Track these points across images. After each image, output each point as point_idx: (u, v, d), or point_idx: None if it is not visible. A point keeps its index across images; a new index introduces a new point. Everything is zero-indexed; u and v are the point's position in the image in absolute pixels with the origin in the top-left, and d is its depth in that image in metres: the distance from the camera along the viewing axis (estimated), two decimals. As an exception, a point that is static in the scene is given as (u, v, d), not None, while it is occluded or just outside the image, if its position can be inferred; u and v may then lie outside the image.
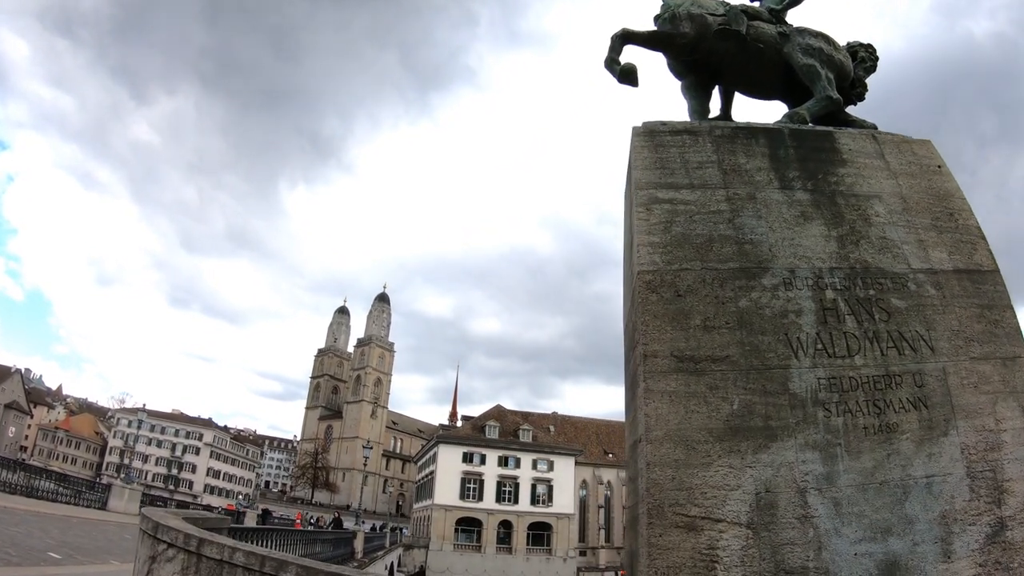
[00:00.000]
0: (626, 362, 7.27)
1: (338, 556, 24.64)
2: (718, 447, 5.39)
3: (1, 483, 25.72)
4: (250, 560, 5.04)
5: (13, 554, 10.89)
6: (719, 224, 6.51)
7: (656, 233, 6.45)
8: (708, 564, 4.99)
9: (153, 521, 6.08)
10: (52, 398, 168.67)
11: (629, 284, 7.10)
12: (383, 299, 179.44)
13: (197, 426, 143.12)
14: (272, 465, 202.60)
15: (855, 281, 6.29)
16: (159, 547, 5.91)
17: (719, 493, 5.22)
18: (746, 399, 5.58)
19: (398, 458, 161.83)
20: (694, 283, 6.13)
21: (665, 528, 5.12)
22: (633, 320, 6.61)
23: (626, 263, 7.61)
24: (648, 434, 5.47)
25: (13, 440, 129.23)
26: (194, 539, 5.48)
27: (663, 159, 6.98)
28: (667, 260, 6.28)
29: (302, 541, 16.76)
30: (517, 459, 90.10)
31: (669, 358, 5.75)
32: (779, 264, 6.30)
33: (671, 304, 6.03)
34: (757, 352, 5.80)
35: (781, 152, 7.18)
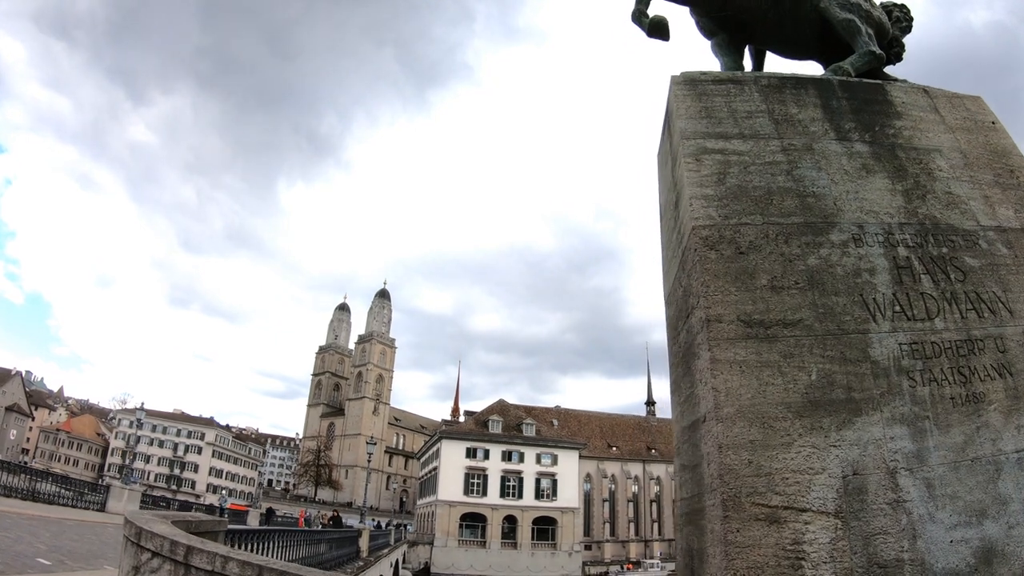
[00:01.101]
0: (672, 333, 6.59)
1: (344, 555, 24.07)
2: (798, 424, 4.73)
3: (4, 488, 25.34)
4: (245, 571, 4.35)
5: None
6: (777, 176, 5.91)
7: (709, 185, 5.81)
8: (794, 562, 4.32)
9: (136, 526, 5.37)
10: (53, 400, 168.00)
11: (675, 245, 6.44)
12: (383, 295, 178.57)
13: (199, 425, 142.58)
14: (275, 463, 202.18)
15: (926, 238, 5.70)
16: (142, 556, 5.21)
17: (802, 478, 4.56)
18: (825, 368, 4.92)
19: (401, 455, 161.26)
20: (756, 239, 5.49)
21: (744, 522, 4.44)
22: (683, 284, 5.97)
23: (667, 224, 6.96)
24: (718, 411, 4.79)
25: (15, 443, 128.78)
26: (181, 547, 4.77)
27: (708, 108, 6.37)
28: (724, 214, 5.64)
29: (306, 541, 16.08)
30: (521, 453, 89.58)
31: (735, 323, 5.09)
32: (846, 219, 5.70)
33: (733, 262, 5.38)
34: (832, 315, 5.16)
35: (834, 103, 6.62)
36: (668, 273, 6.90)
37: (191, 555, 4.68)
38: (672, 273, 6.62)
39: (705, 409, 5.05)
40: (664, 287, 7.13)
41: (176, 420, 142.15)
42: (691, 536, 5.63)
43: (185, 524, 6.62)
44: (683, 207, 5.97)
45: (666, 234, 7.03)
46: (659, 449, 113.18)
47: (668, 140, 6.97)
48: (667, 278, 6.96)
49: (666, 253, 7.02)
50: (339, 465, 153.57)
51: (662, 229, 7.34)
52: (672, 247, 6.63)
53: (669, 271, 6.84)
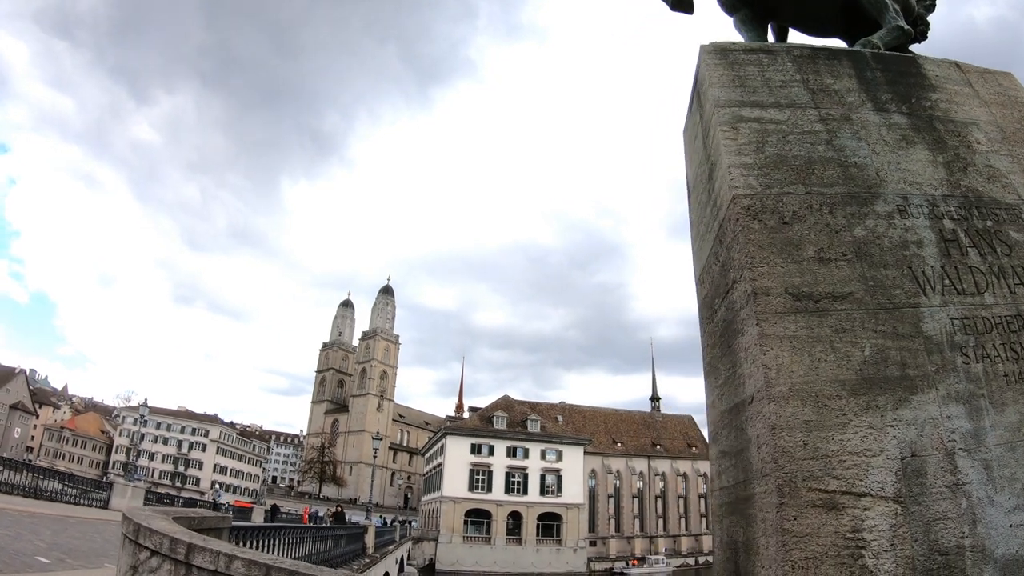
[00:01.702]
0: (707, 313, 6.26)
1: (350, 552, 23.83)
2: (853, 403, 4.41)
3: (7, 485, 25.19)
4: (251, 570, 4.01)
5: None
6: (817, 145, 5.63)
7: (748, 154, 5.52)
8: (854, 551, 4.00)
9: (134, 523, 5.03)
10: (58, 398, 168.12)
11: (709, 219, 6.13)
12: (387, 292, 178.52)
13: (203, 423, 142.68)
14: (279, 460, 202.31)
15: (970, 211, 5.42)
16: (141, 554, 4.87)
17: (860, 460, 4.24)
18: (878, 343, 4.62)
19: (405, 451, 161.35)
20: (800, 209, 5.20)
21: (801, 509, 4.12)
22: (721, 259, 5.66)
23: (699, 199, 6.65)
24: (769, 390, 4.46)
25: (19, 441, 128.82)
26: (182, 545, 4.43)
27: (741, 77, 6.10)
28: (765, 184, 5.35)
29: (312, 538, 15.79)
30: (525, 449, 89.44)
31: (784, 296, 4.79)
32: (889, 189, 5.42)
33: (777, 232, 5.08)
34: (882, 288, 4.86)
35: (868, 74, 6.36)
36: (700, 250, 6.59)
37: (193, 553, 4.34)
38: (706, 249, 6.30)
39: (753, 389, 4.74)
40: (695, 266, 6.82)
41: (180, 417, 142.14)
42: (734, 527, 5.28)
43: (187, 521, 6.29)
44: (719, 178, 5.69)
45: (697, 210, 6.72)
46: (664, 445, 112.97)
47: (698, 112, 6.68)
48: (699, 256, 6.65)
49: (697, 230, 6.71)
50: (343, 462, 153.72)
51: (692, 206, 7.04)
52: (706, 222, 6.32)
53: (702, 248, 6.53)
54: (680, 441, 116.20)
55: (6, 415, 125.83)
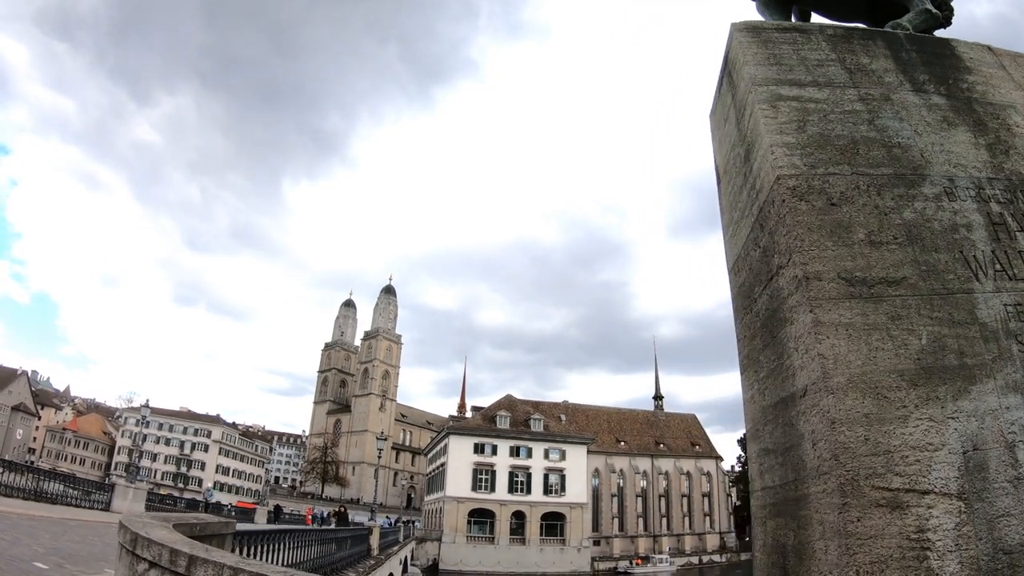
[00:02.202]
0: (744, 303, 5.93)
1: (355, 554, 23.52)
2: (913, 394, 4.13)
3: (8, 487, 24.94)
4: (259, 586, 3.68)
5: (-10, 567, 9.58)
6: (859, 125, 5.35)
7: (789, 133, 5.23)
8: (919, 553, 3.73)
9: (131, 532, 4.68)
10: (59, 399, 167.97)
11: (746, 204, 5.83)
12: (389, 291, 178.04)
13: (205, 423, 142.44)
14: (282, 460, 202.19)
15: (1015, 194, 5.17)
16: (138, 567, 4.53)
17: (922, 456, 3.97)
18: (934, 331, 4.35)
19: (408, 451, 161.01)
20: (847, 190, 4.93)
21: (864, 509, 3.83)
22: (761, 244, 5.35)
23: (732, 185, 6.34)
24: (827, 382, 4.17)
25: (21, 442, 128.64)
26: (183, 557, 4.09)
27: (776, 55, 5.83)
28: (809, 164, 5.07)
29: (318, 541, 15.48)
30: (529, 449, 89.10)
31: (836, 281, 4.51)
32: (935, 171, 5.16)
33: (825, 214, 4.81)
34: (935, 273, 4.59)
35: (903, 55, 6.10)
36: (734, 237, 6.26)
37: (194, 567, 3.99)
38: (742, 235, 5.98)
39: (806, 380, 4.42)
40: (727, 255, 6.50)
41: (182, 418, 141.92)
42: (782, 530, 4.93)
43: (188, 527, 5.95)
44: (759, 158, 5.39)
45: (730, 195, 6.40)
46: (667, 444, 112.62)
47: (730, 93, 6.38)
48: (732, 243, 6.32)
49: (730, 216, 6.38)
50: (346, 462, 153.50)
51: (722, 192, 6.72)
52: (741, 207, 6.00)
53: (736, 235, 6.20)
54: (683, 440, 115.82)
55: (8, 417, 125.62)
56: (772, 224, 5.09)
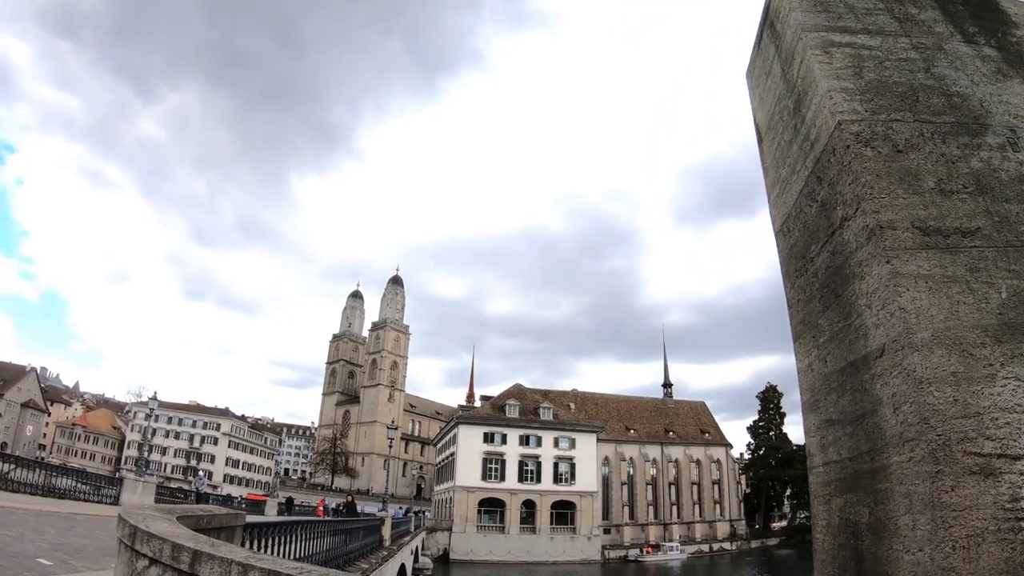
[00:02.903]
0: (798, 265, 5.47)
1: (367, 545, 23.21)
2: (998, 351, 3.70)
3: (20, 483, 24.97)
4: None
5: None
6: (916, 73, 4.89)
7: (846, 78, 4.77)
8: (1014, 524, 3.30)
9: (130, 526, 4.25)
10: (69, 395, 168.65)
11: (797, 157, 5.37)
12: (396, 282, 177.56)
13: (214, 416, 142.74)
14: (291, 452, 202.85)
15: None
16: (138, 563, 4.10)
17: (1012, 417, 3.53)
18: (1013, 284, 3.93)
19: (417, 441, 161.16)
20: (912, 137, 4.47)
21: (958, 477, 3.38)
22: (819, 198, 4.91)
23: (779, 140, 5.87)
24: (910, 338, 3.71)
25: (31, 438, 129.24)
26: (186, 552, 3.66)
27: (823, 3, 5.39)
28: (870, 109, 4.61)
29: (330, 532, 15.14)
30: (538, 437, 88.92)
31: (911, 230, 4.05)
32: (996, 121, 4.70)
33: (892, 161, 4.35)
34: (1008, 224, 4.15)
35: (950, 7, 5.64)
36: (783, 196, 5.80)
37: (199, 563, 3.56)
38: (792, 192, 5.52)
39: (884, 339, 3.96)
40: (774, 217, 6.04)
41: (192, 412, 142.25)
42: (853, 507, 4.47)
43: (194, 520, 5.52)
44: (813, 107, 4.95)
45: (776, 153, 5.94)
46: (677, 431, 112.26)
47: (772, 44, 5.92)
48: (780, 203, 5.86)
49: (777, 174, 5.92)
50: (355, 453, 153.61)
51: (765, 151, 6.25)
52: (790, 163, 5.55)
53: (785, 193, 5.74)
54: (693, 427, 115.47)
55: (18, 413, 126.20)
56: (833, 174, 4.66)
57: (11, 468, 26.22)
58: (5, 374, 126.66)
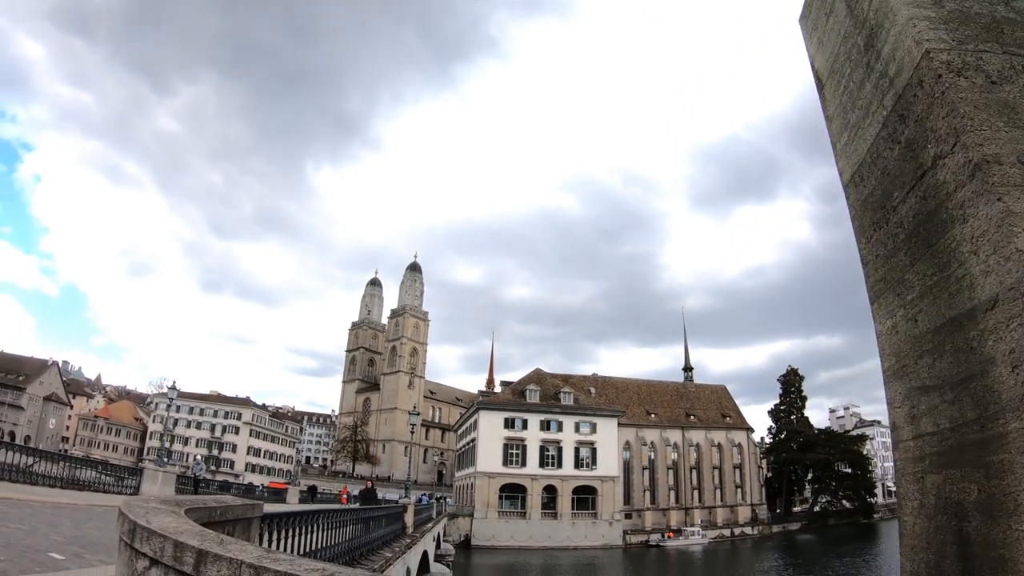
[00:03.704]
0: (876, 217, 4.84)
1: (391, 533, 22.85)
2: None
3: (42, 476, 24.91)
4: (288, 590, 2.73)
5: (1, 559, 8.73)
6: (996, 5, 4.30)
7: (926, 6, 4.19)
8: None
9: (129, 521, 3.75)
10: (91, 388, 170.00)
11: (871, 98, 4.75)
12: (415, 268, 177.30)
13: (235, 406, 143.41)
14: (312, 440, 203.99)
15: None
16: (138, 563, 3.57)
17: None
18: None
19: (437, 427, 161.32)
20: (1003, 69, 3.91)
21: None
22: (902, 138, 4.32)
23: (846, 81, 5.25)
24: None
25: (54, 431, 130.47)
26: (189, 552, 3.14)
27: None
28: (956, 39, 4.03)
29: (353, 521, 14.71)
30: (559, 422, 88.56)
31: (1017, 166, 3.49)
32: None
33: (988, 92, 3.78)
34: None
35: None
36: (853, 143, 5.18)
37: (204, 564, 3.03)
38: (866, 137, 4.91)
39: (995, 288, 3.38)
40: (842, 167, 5.43)
41: (213, 401, 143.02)
42: (956, 483, 3.86)
43: (206, 512, 5.00)
44: (892, 39, 4.36)
45: (844, 96, 5.33)
46: (698, 415, 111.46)
47: None
48: (849, 151, 5.25)
49: (844, 120, 5.31)
50: (376, 440, 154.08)
51: (828, 98, 5.64)
52: (862, 105, 4.93)
53: (856, 139, 5.12)
54: (714, 411, 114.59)
55: (40, 407, 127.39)
56: (920, 109, 4.05)
57: (34, 461, 26.17)
58: (27, 368, 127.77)
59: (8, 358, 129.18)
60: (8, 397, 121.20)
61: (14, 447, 25.67)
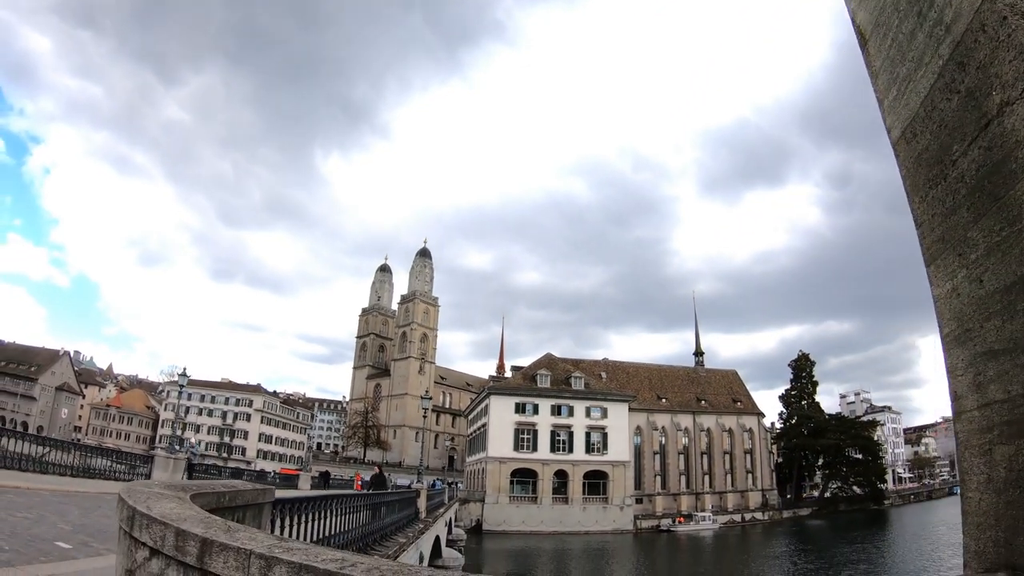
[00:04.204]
0: (932, 171, 4.42)
1: (404, 518, 22.63)
2: None
3: (55, 465, 25.09)
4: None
5: (6, 548, 8.47)
6: None
7: None
8: None
9: (128, 507, 3.44)
10: (103, 377, 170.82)
11: (923, 48, 4.32)
12: (424, 254, 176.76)
13: (247, 393, 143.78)
14: (323, 427, 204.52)
15: None
16: (138, 553, 3.25)
17: None
18: None
19: (448, 412, 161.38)
20: None
21: None
22: (960, 87, 3.91)
23: (899, 29, 4.77)
24: None
25: (66, 421, 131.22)
26: (193, 540, 2.82)
27: None
28: None
29: (366, 506, 14.46)
30: (570, 407, 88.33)
31: None
32: None
33: None
34: None
35: None
36: (903, 96, 4.79)
37: (209, 555, 2.71)
38: (919, 89, 4.53)
39: None
40: (891, 123, 5.02)
41: (224, 389, 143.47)
42: None
43: (214, 498, 4.68)
44: None
45: (893, 49, 4.92)
46: (709, 400, 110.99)
47: None
48: (900, 105, 4.85)
49: (893, 73, 4.91)
50: (387, 425, 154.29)
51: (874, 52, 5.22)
52: (914, 56, 4.55)
53: (907, 92, 4.73)
54: (725, 396, 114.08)
55: (53, 397, 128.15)
56: (983, 55, 3.67)
57: (48, 451, 26.12)
58: (38, 359, 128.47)
59: (20, 349, 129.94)
60: (20, 388, 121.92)
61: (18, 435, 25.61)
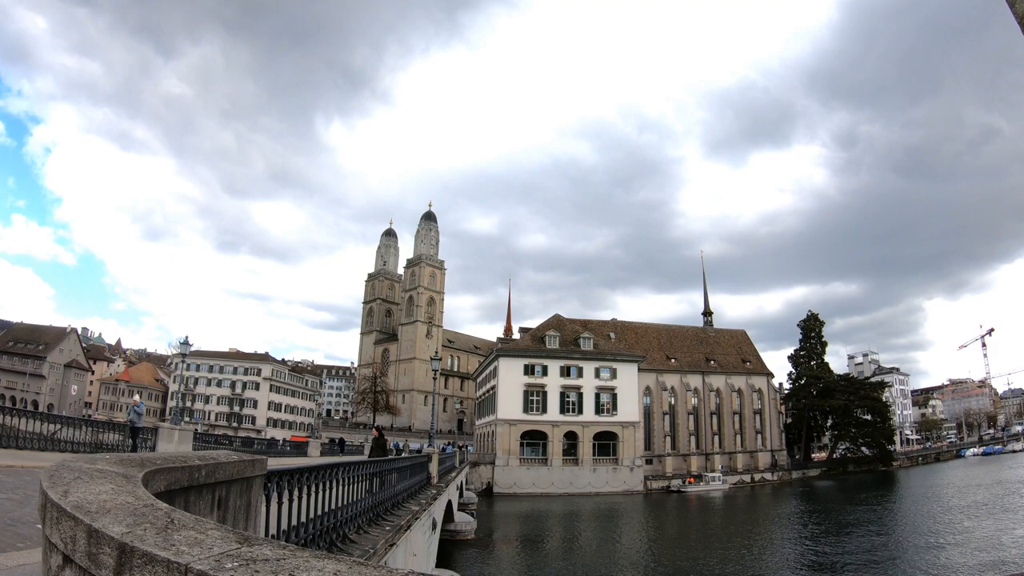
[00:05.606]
0: None
1: (415, 484, 21.90)
2: None
3: (66, 442, 25.13)
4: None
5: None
6: None
7: None
8: None
9: (42, 494, 2.57)
10: (111, 352, 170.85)
11: None
12: (429, 217, 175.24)
13: (255, 362, 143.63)
14: (332, 393, 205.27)
15: None
16: (52, 559, 2.40)
17: None
18: None
19: (456, 376, 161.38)
20: None
21: None
22: None
23: None
24: None
25: (76, 397, 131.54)
26: (109, 547, 1.93)
27: None
28: None
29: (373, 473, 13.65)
30: (579, 368, 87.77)
31: None
32: None
33: None
34: None
35: None
36: None
37: (129, 569, 1.84)
38: None
39: None
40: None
41: (232, 359, 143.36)
42: None
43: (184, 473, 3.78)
44: None
45: None
46: (718, 360, 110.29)
47: None
48: None
49: None
50: (395, 390, 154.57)
51: None
52: None
53: None
54: (734, 356, 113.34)
55: (62, 374, 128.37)
56: None
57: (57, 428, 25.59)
58: (46, 337, 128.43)
59: (28, 328, 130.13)
60: (29, 367, 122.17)
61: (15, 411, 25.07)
